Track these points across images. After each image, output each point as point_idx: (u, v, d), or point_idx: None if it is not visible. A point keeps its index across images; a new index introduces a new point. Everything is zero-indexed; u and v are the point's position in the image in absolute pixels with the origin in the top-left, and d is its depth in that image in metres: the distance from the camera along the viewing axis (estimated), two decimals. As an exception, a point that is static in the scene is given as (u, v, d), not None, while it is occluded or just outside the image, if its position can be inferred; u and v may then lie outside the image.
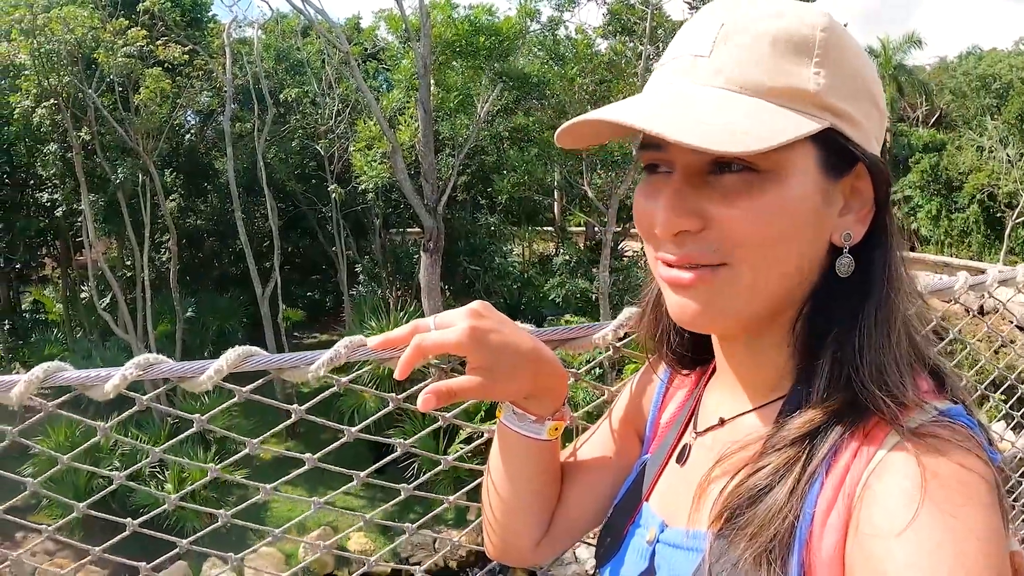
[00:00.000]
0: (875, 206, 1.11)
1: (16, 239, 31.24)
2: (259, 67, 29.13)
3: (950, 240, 35.89)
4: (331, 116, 29.29)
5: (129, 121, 25.62)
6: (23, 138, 27.65)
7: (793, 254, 1.08)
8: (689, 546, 1.18)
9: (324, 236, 32.34)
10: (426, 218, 23.94)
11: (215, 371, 1.53)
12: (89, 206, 26.08)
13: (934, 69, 46.25)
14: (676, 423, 1.40)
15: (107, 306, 28.31)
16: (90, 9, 24.90)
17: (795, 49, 1.05)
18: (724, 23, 1.07)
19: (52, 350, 27.65)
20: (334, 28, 26.45)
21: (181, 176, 31.84)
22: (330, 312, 36.67)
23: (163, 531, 1.98)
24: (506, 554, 1.61)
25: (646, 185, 1.15)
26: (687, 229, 1.06)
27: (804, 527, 1.01)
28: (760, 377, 1.21)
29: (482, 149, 30.31)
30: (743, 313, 1.11)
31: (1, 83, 28.10)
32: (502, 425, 1.45)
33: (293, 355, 1.59)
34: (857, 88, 1.09)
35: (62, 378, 1.52)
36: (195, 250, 34.69)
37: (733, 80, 1.04)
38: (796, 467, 1.04)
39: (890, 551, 0.92)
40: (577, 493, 1.53)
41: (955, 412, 1.05)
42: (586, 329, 1.69)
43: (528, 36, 28.33)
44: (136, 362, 1.51)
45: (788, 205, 1.04)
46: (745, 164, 1.03)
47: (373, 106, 23.92)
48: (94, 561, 1.89)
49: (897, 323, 1.08)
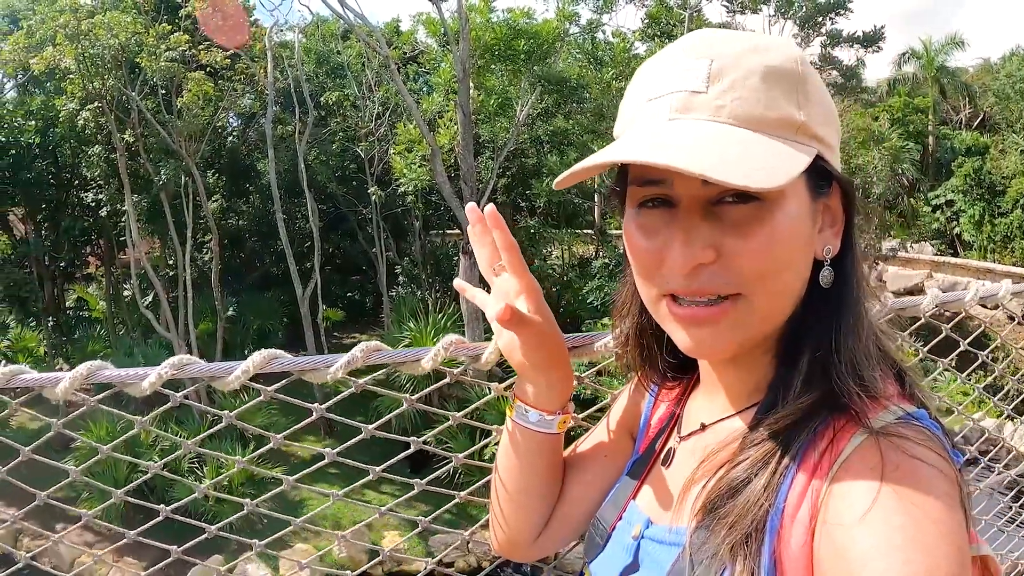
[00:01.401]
0: (844, 221, 1.21)
1: (61, 238, 31.51)
2: (300, 71, 29.26)
3: (993, 246, 35.18)
4: (371, 119, 29.35)
5: (172, 123, 25.83)
6: (68, 140, 28.00)
7: (796, 274, 1.16)
8: (671, 541, 1.25)
9: (364, 237, 32.39)
10: (465, 221, 23.90)
11: (242, 372, 1.63)
12: (133, 206, 26.30)
13: (977, 71, 45.22)
14: (663, 428, 1.49)
15: (149, 304, 28.57)
16: (133, 14, 25.12)
17: (782, 83, 1.13)
18: (713, 60, 1.13)
19: (95, 347, 27.96)
20: (373, 32, 26.47)
21: (223, 177, 32.12)
22: (369, 313, 36.65)
23: (198, 529, 2.07)
24: (509, 548, 1.69)
25: (642, 221, 1.19)
26: (703, 262, 1.11)
27: (775, 519, 1.07)
28: (741, 384, 1.28)
29: (522, 152, 30.19)
30: (755, 338, 1.18)
31: (47, 86, 28.47)
32: (513, 423, 1.57)
33: (314, 358, 1.68)
34: (827, 113, 1.18)
35: (103, 375, 1.63)
36: (237, 250, 34.89)
37: (736, 116, 1.10)
38: (772, 461, 1.11)
39: (853, 538, 0.97)
40: (575, 490, 1.63)
41: (920, 415, 1.11)
42: (588, 338, 1.76)
43: (567, 39, 28.23)
44: (171, 362, 1.61)
45: (791, 229, 1.11)
46: (751, 194, 1.08)
47: (413, 109, 23.96)
48: (129, 544, 1.99)
49: (865, 324, 1.17)
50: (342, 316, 34.71)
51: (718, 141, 1.07)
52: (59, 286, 33.91)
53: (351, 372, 1.68)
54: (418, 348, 1.78)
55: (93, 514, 2.01)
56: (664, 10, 28.38)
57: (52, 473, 1.87)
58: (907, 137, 34.77)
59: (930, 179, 38.08)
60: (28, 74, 27.80)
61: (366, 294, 37.66)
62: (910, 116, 38.57)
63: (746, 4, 28.89)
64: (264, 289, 32.99)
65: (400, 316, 26.96)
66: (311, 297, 27.55)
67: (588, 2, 28.69)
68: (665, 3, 28.77)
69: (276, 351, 1.66)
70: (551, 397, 1.53)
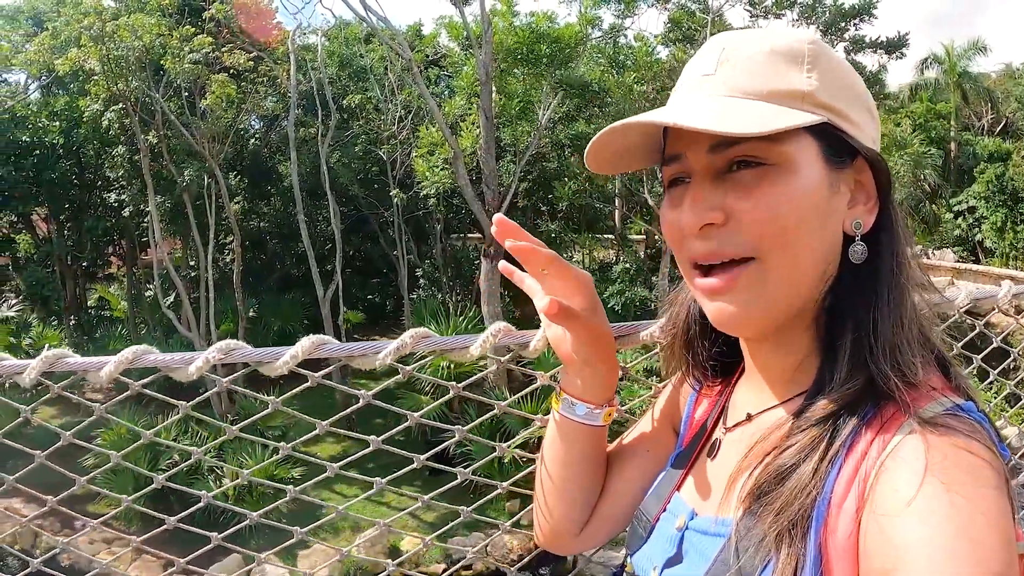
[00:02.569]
0: (879, 198, 1.22)
1: (84, 238, 31.71)
2: (323, 73, 29.34)
3: (1015, 252, 34.86)
4: (394, 122, 29.34)
5: (195, 125, 25.91)
6: (92, 140, 28.21)
7: (814, 242, 1.16)
8: (716, 532, 1.26)
9: (385, 240, 32.41)
10: (487, 224, 23.82)
11: (291, 356, 1.64)
12: (155, 207, 26.41)
13: (999, 76, 44.71)
14: (708, 419, 1.50)
15: (171, 304, 28.59)
16: (157, 17, 25.22)
17: (787, 59, 1.18)
18: (724, 47, 1.21)
19: (116, 346, 27.96)
20: (396, 35, 26.50)
21: (245, 179, 32.23)
22: (390, 315, 36.59)
23: (220, 525, 2.08)
24: (554, 540, 1.71)
25: (670, 198, 1.26)
26: (712, 222, 1.17)
27: (823, 507, 1.07)
28: (784, 374, 1.29)
29: (543, 156, 30.10)
30: (776, 310, 1.19)
31: (71, 87, 28.60)
32: (560, 415, 1.60)
33: (363, 344, 1.69)
34: (849, 94, 1.21)
35: (149, 360, 1.62)
36: (258, 251, 34.99)
37: (737, 88, 1.17)
38: (820, 446, 1.11)
39: (900, 527, 0.97)
40: (619, 483, 1.64)
41: (968, 408, 1.10)
42: (634, 327, 1.76)
43: (589, 43, 28.19)
44: (219, 346, 1.61)
45: (799, 193, 1.13)
46: (757, 160, 1.14)
47: (435, 112, 23.97)
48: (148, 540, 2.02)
49: (908, 307, 1.18)
50: (362, 318, 34.66)
51: (711, 106, 1.16)
52: (81, 285, 34.07)
53: (357, 373, 1.68)
54: (465, 335, 1.78)
55: (107, 518, 2.03)
56: (686, 14, 28.28)
57: (72, 469, 1.89)
58: (929, 143, 34.66)
59: (952, 185, 37.81)
60: (52, 75, 27.90)
61: (387, 296, 37.63)
62: (932, 122, 38.28)
63: (769, 8, 28.79)
64: (285, 290, 33.06)
65: (420, 319, 26.92)
66: (332, 299, 27.56)
67: (610, 6, 28.60)
68: (687, 7, 28.68)
69: (324, 336, 1.66)
70: (598, 390, 1.56)
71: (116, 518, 19.84)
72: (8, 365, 1.65)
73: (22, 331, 31.08)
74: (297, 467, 20.27)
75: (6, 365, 1.66)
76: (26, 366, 1.63)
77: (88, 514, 2.12)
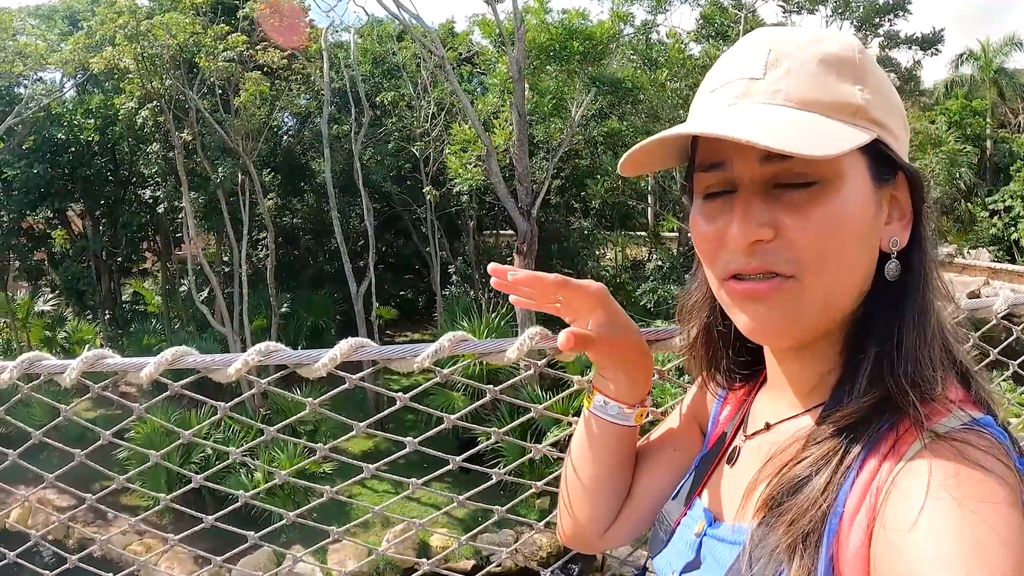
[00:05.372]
0: (913, 214, 1.20)
1: (119, 234, 31.92)
2: (356, 71, 29.46)
3: (1052, 253, 34.62)
4: (426, 119, 29.34)
5: (229, 122, 26.07)
6: (127, 138, 28.50)
7: (858, 262, 1.15)
8: (733, 540, 1.26)
9: (418, 236, 32.43)
10: (520, 221, 23.88)
11: (329, 359, 1.65)
12: (190, 203, 26.60)
13: (1037, 72, 44.40)
14: (729, 426, 1.49)
15: (205, 299, 28.90)
16: (191, 15, 25.38)
17: (839, 68, 1.15)
18: (771, 49, 1.17)
19: (150, 340, 28.26)
20: (429, 33, 26.55)
21: (279, 176, 32.43)
22: (422, 311, 36.64)
23: (250, 518, 2.10)
24: (577, 539, 1.71)
25: (706, 209, 1.21)
26: (762, 239, 1.13)
27: (835, 520, 1.05)
28: (806, 385, 1.27)
29: (576, 153, 30.11)
30: (812, 324, 1.17)
31: (106, 85, 28.82)
32: (591, 414, 1.60)
33: (401, 347, 1.70)
34: (893, 107, 1.19)
35: (188, 361, 1.65)
36: (291, 247, 35.18)
37: (791, 97, 1.13)
38: (833, 460, 1.09)
39: (910, 544, 0.95)
40: (643, 484, 1.64)
41: (985, 422, 1.08)
42: (668, 332, 1.75)
43: (621, 40, 28.14)
44: (258, 349, 1.63)
45: (850, 213, 1.11)
46: (808, 178, 1.10)
47: (468, 109, 23.99)
48: (178, 533, 2.04)
49: (932, 323, 1.15)
50: (395, 314, 34.75)
51: (772, 118, 1.10)
52: (116, 280, 34.34)
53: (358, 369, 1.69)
54: (502, 339, 1.77)
55: (148, 514, 2.06)
56: (718, 11, 28.19)
57: (105, 464, 1.91)
58: (964, 140, 34.24)
59: (988, 183, 37.40)
60: (87, 73, 28.14)
61: (419, 293, 37.68)
62: (967, 119, 37.75)
63: (802, 4, 28.64)
64: (318, 286, 33.16)
65: (452, 315, 26.91)
66: (365, 295, 27.64)
67: (643, 3, 28.54)
68: (720, 3, 28.59)
69: (363, 339, 1.67)
70: (631, 391, 1.56)
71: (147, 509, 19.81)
72: (49, 365, 1.67)
73: (57, 325, 31.45)
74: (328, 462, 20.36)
75: (47, 365, 1.68)
76: (67, 366, 1.65)
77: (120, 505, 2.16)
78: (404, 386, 21.91)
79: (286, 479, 2.01)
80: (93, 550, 2.39)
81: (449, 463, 1.95)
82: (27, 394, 1.76)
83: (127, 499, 20.18)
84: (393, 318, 34.61)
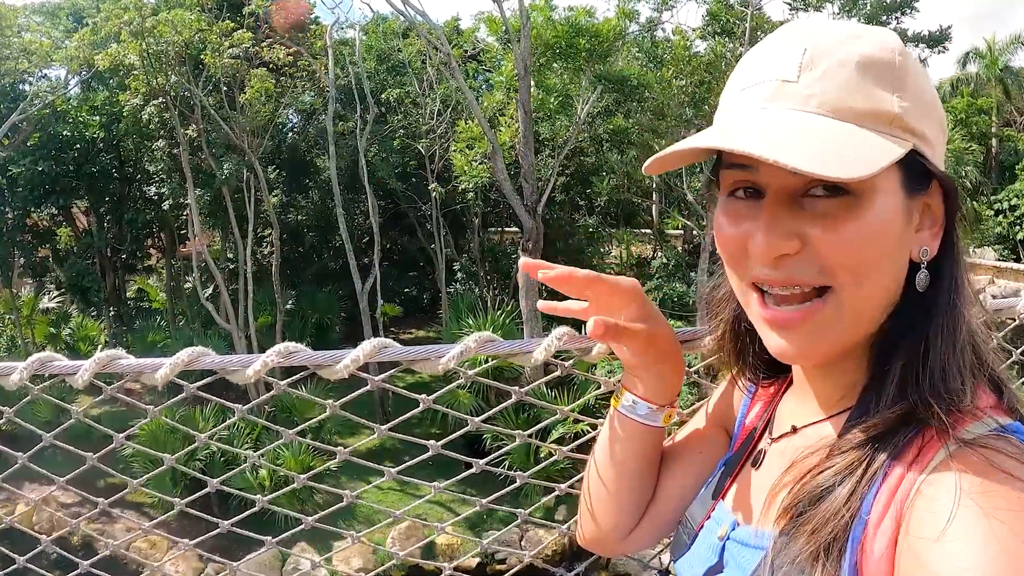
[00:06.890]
0: (944, 222, 1.16)
1: (124, 230, 32.04)
2: (361, 68, 29.49)
3: (1058, 251, 34.52)
4: (432, 116, 29.42)
5: (234, 119, 26.18)
6: (132, 135, 28.52)
7: (888, 275, 1.12)
8: (756, 544, 1.24)
9: (423, 234, 32.55)
10: (525, 218, 23.89)
11: (352, 360, 1.62)
12: (195, 200, 26.75)
13: (1042, 71, 44.29)
14: (755, 428, 1.47)
15: (209, 296, 28.89)
16: (196, 12, 25.42)
17: (878, 73, 1.10)
18: (806, 48, 1.11)
19: (155, 337, 28.31)
20: (434, 29, 26.56)
21: (284, 173, 32.51)
22: (427, 308, 36.73)
23: (256, 515, 2.07)
24: (598, 542, 1.67)
25: (730, 208, 1.18)
26: (787, 253, 1.09)
27: (859, 529, 1.04)
28: (833, 389, 1.25)
29: (581, 150, 30.16)
30: (842, 342, 1.15)
31: (111, 82, 28.86)
32: (619, 414, 1.55)
33: (425, 348, 1.67)
34: (932, 113, 1.14)
35: (205, 362, 1.62)
36: (296, 244, 35.17)
37: (825, 104, 1.08)
38: (858, 470, 1.08)
39: (936, 553, 0.93)
40: (668, 486, 1.60)
41: (1014, 428, 1.07)
42: (697, 332, 1.70)
43: (627, 38, 28.14)
44: (277, 350, 1.60)
45: (881, 225, 1.07)
46: (838, 187, 1.06)
47: (474, 107, 24.01)
48: (183, 530, 2.01)
49: (962, 332, 1.12)
50: (399, 311, 34.83)
51: (805, 131, 1.06)
52: (120, 277, 34.43)
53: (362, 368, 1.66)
54: (529, 340, 1.73)
55: (162, 519, 2.02)
56: (724, 8, 28.11)
57: (111, 462, 1.88)
58: (970, 139, 34.21)
59: (993, 182, 37.35)
60: (92, 70, 28.21)
61: (424, 290, 37.88)
62: (973, 117, 37.69)
63: (809, 2, 28.56)
64: (322, 283, 33.29)
65: (458, 312, 26.96)
66: (369, 292, 27.68)
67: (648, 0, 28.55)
68: (726, 0, 28.53)
69: (386, 340, 1.64)
70: (661, 390, 1.52)
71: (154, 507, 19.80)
72: (61, 366, 1.64)
73: (62, 322, 31.49)
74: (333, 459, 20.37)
75: (58, 366, 1.64)
76: (79, 367, 1.62)
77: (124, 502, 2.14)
78: (409, 384, 21.90)
79: (305, 482, 1.97)
80: (101, 551, 2.37)
81: (473, 467, 1.91)
82: (37, 395, 1.72)
83: (132, 495, 20.16)
84: (398, 315, 34.69)
